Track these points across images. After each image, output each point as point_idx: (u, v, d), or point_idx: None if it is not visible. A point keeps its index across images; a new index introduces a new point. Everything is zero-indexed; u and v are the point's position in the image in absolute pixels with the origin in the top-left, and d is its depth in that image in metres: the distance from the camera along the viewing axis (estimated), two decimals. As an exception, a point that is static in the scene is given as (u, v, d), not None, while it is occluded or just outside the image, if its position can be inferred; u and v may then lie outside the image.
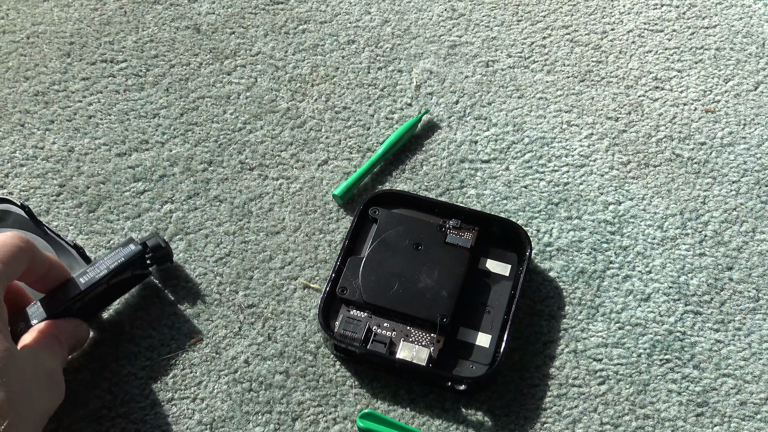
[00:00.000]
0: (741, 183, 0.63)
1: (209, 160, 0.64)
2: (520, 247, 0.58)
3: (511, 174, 0.63)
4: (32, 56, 0.69)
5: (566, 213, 0.61)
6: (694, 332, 0.56)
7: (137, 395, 0.53)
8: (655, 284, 0.58)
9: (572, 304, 0.57)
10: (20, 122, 0.66)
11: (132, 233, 0.60)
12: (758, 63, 0.70)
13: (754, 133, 0.66)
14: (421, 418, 0.53)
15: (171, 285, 0.58)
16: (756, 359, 0.55)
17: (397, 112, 0.66)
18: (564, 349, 0.55)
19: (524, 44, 0.71)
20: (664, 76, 0.69)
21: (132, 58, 0.69)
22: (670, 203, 0.62)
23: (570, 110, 0.67)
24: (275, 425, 0.52)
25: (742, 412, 0.53)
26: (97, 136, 0.65)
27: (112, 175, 0.63)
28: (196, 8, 0.72)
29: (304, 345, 0.55)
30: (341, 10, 0.73)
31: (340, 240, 0.60)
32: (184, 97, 0.67)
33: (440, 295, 0.54)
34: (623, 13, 0.73)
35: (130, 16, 0.72)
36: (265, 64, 0.69)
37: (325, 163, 0.64)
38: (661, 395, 0.54)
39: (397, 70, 0.69)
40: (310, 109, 0.67)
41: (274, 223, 0.61)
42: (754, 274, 0.59)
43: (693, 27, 0.72)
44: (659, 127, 0.66)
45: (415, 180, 0.63)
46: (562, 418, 0.53)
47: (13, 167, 0.63)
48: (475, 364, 0.53)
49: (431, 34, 0.71)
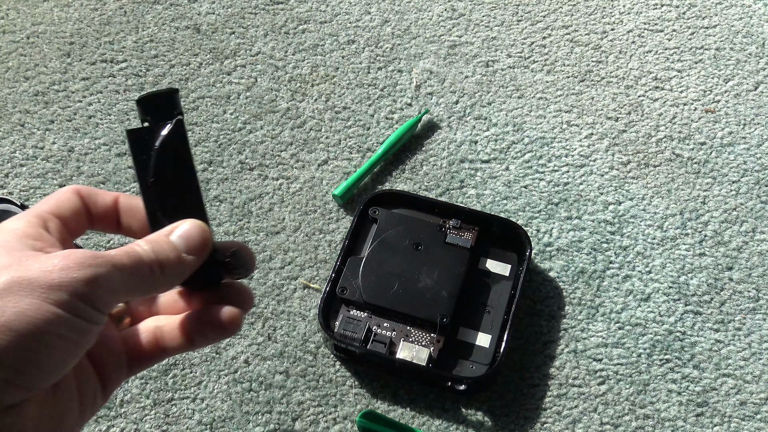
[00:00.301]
0: (741, 183, 0.63)
1: (209, 160, 0.64)
2: (520, 247, 0.58)
3: (511, 174, 0.63)
4: (32, 56, 0.69)
5: (566, 213, 0.61)
6: (694, 332, 0.56)
7: (137, 395, 0.53)
8: (655, 284, 0.58)
9: (572, 304, 0.57)
10: (20, 122, 0.66)
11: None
12: (758, 63, 0.70)
13: (754, 133, 0.66)
14: (421, 418, 0.53)
15: (171, 285, 0.58)
16: (756, 359, 0.55)
17: (397, 112, 0.66)
18: (564, 349, 0.55)
19: (524, 44, 0.71)
20: (664, 76, 0.69)
21: (132, 58, 0.69)
22: (670, 203, 0.62)
23: (570, 110, 0.67)
24: (275, 425, 0.52)
25: (742, 412, 0.53)
26: (97, 136, 0.65)
27: (112, 175, 0.63)
28: (196, 8, 0.72)
29: (304, 345, 0.55)
30: (341, 10, 0.73)
31: (340, 240, 0.60)
32: (184, 97, 0.67)
33: (440, 295, 0.54)
34: (623, 13, 0.73)
35: (130, 16, 0.72)
36: (265, 64, 0.69)
37: (325, 163, 0.64)
38: (661, 395, 0.54)
39: (397, 70, 0.69)
40: (310, 109, 0.67)
41: (274, 223, 0.61)
42: (754, 274, 0.59)
43: (693, 27, 0.72)
44: (659, 127, 0.66)
45: (415, 180, 0.63)
46: (562, 418, 0.53)
47: (13, 167, 0.63)
48: (475, 364, 0.53)
49: (431, 34, 0.71)
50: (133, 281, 0.32)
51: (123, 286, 0.31)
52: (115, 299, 0.32)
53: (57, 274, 0.30)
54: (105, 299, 0.31)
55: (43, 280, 0.29)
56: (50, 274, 0.30)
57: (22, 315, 0.28)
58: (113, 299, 0.31)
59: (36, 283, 0.29)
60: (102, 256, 0.31)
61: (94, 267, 0.30)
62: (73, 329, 0.29)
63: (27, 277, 0.29)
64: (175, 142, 0.34)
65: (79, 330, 0.30)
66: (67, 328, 0.29)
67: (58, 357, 0.30)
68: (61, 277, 0.30)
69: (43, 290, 0.29)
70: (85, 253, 0.31)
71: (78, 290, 0.30)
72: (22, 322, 0.28)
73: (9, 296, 0.29)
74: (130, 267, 0.32)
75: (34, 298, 0.29)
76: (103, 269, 0.30)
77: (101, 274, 0.30)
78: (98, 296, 0.30)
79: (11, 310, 0.28)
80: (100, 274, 0.30)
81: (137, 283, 0.32)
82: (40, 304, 0.29)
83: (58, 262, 0.30)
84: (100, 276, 0.30)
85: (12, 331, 0.28)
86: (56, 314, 0.29)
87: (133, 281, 0.32)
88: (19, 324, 0.28)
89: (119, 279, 0.31)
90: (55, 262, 0.30)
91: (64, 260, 0.30)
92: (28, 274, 0.29)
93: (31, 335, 0.28)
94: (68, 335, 0.29)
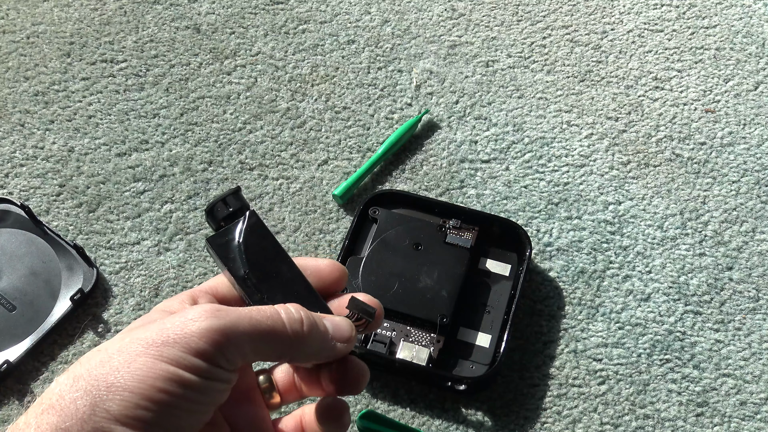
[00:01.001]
0: (741, 183, 0.63)
1: (209, 160, 0.64)
2: (520, 247, 0.58)
3: (511, 174, 0.63)
4: (32, 56, 0.69)
5: (566, 213, 0.61)
6: (694, 332, 0.56)
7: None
8: (655, 284, 0.58)
9: (572, 304, 0.57)
10: (20, 122, 0.66)
11: (132, 233, 0.60)
12: (758, 63, 0.70)
13: (754, 133, 0.66)
14: (421, 418, 0.53)
15: (171, 285, 0.58)
16: (756, 359, 0.55)
17: (397, 112, 0.66)
18: (564, 349, 0.55)
19: (524, 44, 0.71)
20: (664, 76, 0.69)
21: (132, 58, 0.69)
22: (670, 203, 0.62)
23: (570, 110, 0.67)
24: (275, 425, 0.52)
25: (742, 412, 0.53)
26: (97, 136, 0.65)
27: (112, 175, 0.63)
28: (196, 8, 0.72)
29: (304, 345, 0.55)
30: (341, 10, 0.73)
31: (340, 240, 0.60)
32: (184, 97, 0.67)
33: (440, 295, 0.54)
34: (623, 13, 0.73)
35: (130, 16, 0.72)
36: (265, 64, 0.69)
37: (325, 163, 0.64)
38: (661, 395, 0.54)
39: (397, 70, 0.69)
40: (310, 109, 0.67)
41: (274, 223, 0.61)
42: (754, 274, 0.59)
43: (693, 27, 0.72)
44: (659, 127, 0.66)
45: (415, 180, 0.63)
46: (562, 418, 0.53)
47: (13, 167, 0.63)
48: (475, 364, 0.53)
49: (431, 34, 0.71)
50: (264, 342, 0.30)
51: (250, 344, 0.29)
52: (242, 357, 0.29)
53: (173, 330, 0.28)
54: (228, 355, 0.29)
55: (159, 338, 0.28)
56: (166, 331, 0.28)
57: (131, 374, 0.27)
58: (237, 356, 0.29)
59: (149, 341, 0.28)
60: (228, 311, 0.29)
61: (215, 319, 0.29)
62: (189, 387, 0.28)
63: (143, 337, 0.29)
64: (255, 232, 0.34)
65: (195, 388, 0.28)
66: (182, 386, 0.28)
67: (177, 415, 0.28)
68: (177, 333, 0.28)
69: (157, 347, 0.28)
70: (212, 306, 0.29)
71: (192, 346, 0.28)
72: (135, 381, 0.27)
73: (123, 356, 0.28)
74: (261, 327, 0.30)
75: (148, 357, 0.28)
76: (223, 322, 0.29)
77: (224, 327, 0.29)
78: (218, 352, 0.29)
79: (125, 370, 0.28)
80: (224, 327, 0.29)
81: (269, 346, 0.30)
82: (153, 362, 0.28)
83: (178, 317, 0.29)
84: (222, 329, 0.29)
85: (125, 391, 0.27)
86: (169, 372, 0.28)
87: (264, 342, 0.30)
88: (132, 383, 0.27)
89: (246, 336, 0.29)
90: (175, 318, 0.29)
91: (184, 314, 0.29)
92: (146, 333, 0.29)
93: (143, 395, 0.27)
94: (184, 393, 0.28)
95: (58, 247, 0.58)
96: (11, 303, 0.56)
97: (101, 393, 0.27)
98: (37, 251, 0.58)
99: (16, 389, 0.54)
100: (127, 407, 0.27)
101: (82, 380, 0.28)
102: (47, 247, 0.58)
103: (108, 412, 0.27)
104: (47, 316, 0.56)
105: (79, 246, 0.58)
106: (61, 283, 0.57)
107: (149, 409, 0.27)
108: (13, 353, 0.54)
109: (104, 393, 0.27)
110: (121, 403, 0.27)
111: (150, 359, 0.28)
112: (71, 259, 0.58)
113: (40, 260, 0.58)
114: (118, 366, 0.28)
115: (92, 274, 0.57)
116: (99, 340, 0.55)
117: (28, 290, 0.57)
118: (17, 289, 0.57)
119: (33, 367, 0.55)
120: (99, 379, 0.28)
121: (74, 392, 0.28)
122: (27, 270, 0.58)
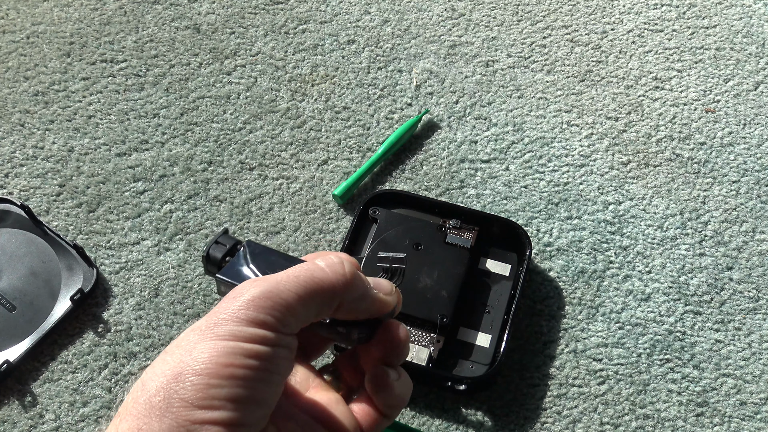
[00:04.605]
0: (741, 183, 0.63)
1: (209, 160, 0.64)
2: (520, 247, 0.58)
3: (511, 174, 0.63)
4: (32, 56, 0.69)
5: (566, 213, 0.61)
6: (694, 332, 0.56)
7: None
8: (655, 284, 0.58)
9: (572, 304, 0.57)
10: (20, 122, 0.66)
11: (132, 233, 0.60)
12: (758, 63, 0.70)
13: (754, 133, 0.66)
14: (421, 418, 0.53)
15: (171, 285, 0.58)
16: (756, 359, 0.55)
17: (397, 112, 0.66)
18: (564, 349, 0.55)
19: (524, 44, 0.71)
20: (664, 76, 0.69)
21: (132, 58, 0.69)
22: (670, 203, 0.62)
23: (570, 110, 0.67)
24: (275, 425, 0.52)
25: (742, 412, 0.53)
26: (97, 136, 0.65)
27: (112, 175, 0.63)
28: (196, 8, 0.72)
29: (304, 345, 0.55)
30: (341, 10, 0.73)
31: (340, 240, 0.60)
32: (184, 97, 0.67)
33: (440, 295, 0.54)
34: (623, 13, 0.73)
35: (130, 16, 0.72)
36: (265, 64, 0.69)
37: (325, 163, 0.64)
38: (661, 395, 0.54)
39: (397, 70, 0.69)
40: (310, 109, 0.67)
41: (274, 223, 0.61)
42: (754, 274, 0.59)
43: (693, 27, 0.72)
44: (659, 127, 0.66)
45: (415, 180, 0.63)
46: (562, 418, 0.53)
47: (13, 167, 0.63)
48: (475, 364, 0.53)
49: (431, 34, 0.71)
50: (309, 294, 0.31)
51: (297, 300, 0.30)
52: (293, 316, 0.30)
53: (221, 312, 0.30)
54: (279, 317, 0.30)
55: (210, 322, 0.29)
56: (215, 314, 0.30)
57: (194, 360, 0.28)
58: (289, 316, 0.30)
59: (202, 328, 0.29)
60: (267, 277, 0.31)
61: (256, 288, 0.30)
62: (251, 356, 0.29)
63: (195, 327, 0.30)
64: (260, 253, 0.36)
65: (258, 356, 0.29)
66: (244, 356, 0.29)
67: (252, 386, 0.29)
68: (225, 312, 0.29)
69: (211, 330, 0.29)
70: (251, 279, 0.31)
71: (242, 317, 0.29)
72: (199, 364, 0.28)
73: (181, 350, 0.29)
74: (303, 279, 0.31)
75: (205, 341, 0.29)
76: (265, 286, 0.30)
77: (267, 291, 0.30)
78: (269, 317, 0.30)
79: (188, 358, 0.29)
80: (267, 291, 0.30)
81: (316, 297, 0.31)
82: (211, 344, 0.29)
83: (222, 301, 0.30)
84: (265, 294, 0.30)
85: (194, 375, 0.28)
86: (228, 347, 0.29)
87: (309, 294, 0.31)
88: (198, 366, 0.28)
89: (290, 293, 0.30)
90: (220, 303, 0.30)
91: (227, 296, 0.30)
92: (197, 324, 0.30)
93: (211, 374, 0.28)
94: (248, 363, 0.29)
95: (58, 247, 0.58)
96: (11, 303, 0.56)
97: (171, 385, 0.28)
98: (37, 251, 0.58)
99: (16, 389, 0.54)
100: (200, 389, 0.28)
101: (150, 381, 0.29)
102: (47, 247, 0.58)
103: (184, 400, 0.28)
104: (47, 316, 0.56)
105: (79, 246, 0.58)
106: (61, 283, 0.57)
107: (221, 386, 0.28)
108: (13, 353, 0.54)
109: (174, 384, 0.28)
110: (193, 388, 0.28)
111: (207, 342, 0.29)
112: (71, 259, 0.58)
113: (40, 260, 0.58)
114: (181, 358, 0.29)
115: (92, 274, 0.57)
116: (99, 340, 0.56)
117: (28, 290, 0.57)
118: (17, 289, 0.57)
119: (33, 367, 0.55)
120: (166, 375, 0.29)
121: (146, 393, 0.28)
122: (27, 270, 0.58)
